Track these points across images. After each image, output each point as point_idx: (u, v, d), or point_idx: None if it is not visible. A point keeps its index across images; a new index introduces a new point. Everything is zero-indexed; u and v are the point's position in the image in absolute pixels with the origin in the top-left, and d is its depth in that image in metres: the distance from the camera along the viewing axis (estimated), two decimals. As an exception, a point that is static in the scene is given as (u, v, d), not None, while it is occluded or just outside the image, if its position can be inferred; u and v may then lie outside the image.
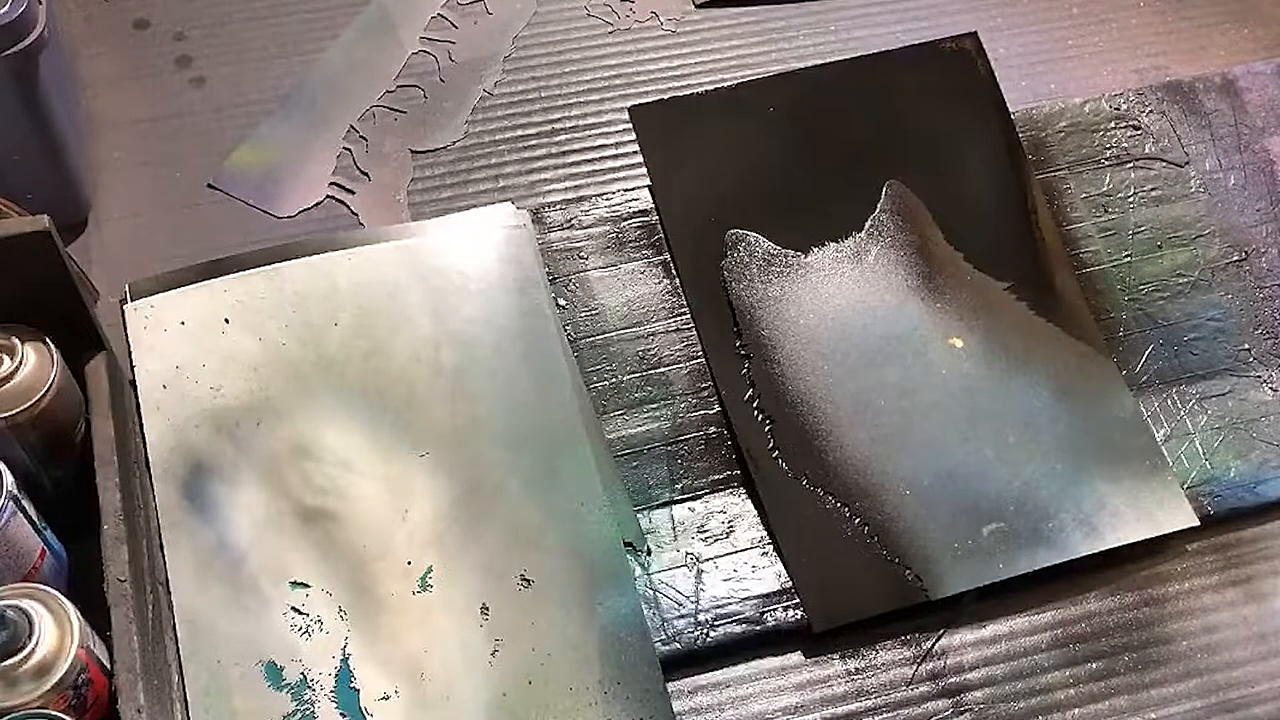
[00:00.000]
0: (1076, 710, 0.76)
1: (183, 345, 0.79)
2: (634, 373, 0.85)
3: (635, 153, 0.93)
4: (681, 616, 0.76)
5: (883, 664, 0.77)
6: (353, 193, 0.93)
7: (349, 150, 0.95)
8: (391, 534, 0.76)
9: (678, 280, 0.88)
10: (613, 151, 0.97)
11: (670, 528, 0.80)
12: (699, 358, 0.86)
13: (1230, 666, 0.78)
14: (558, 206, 0.90)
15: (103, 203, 0.91)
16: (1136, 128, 0.97)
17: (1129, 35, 1.08)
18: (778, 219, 0.89)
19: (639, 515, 0.80)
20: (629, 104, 0.92)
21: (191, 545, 0.73)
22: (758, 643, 0.77)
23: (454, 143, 0.97)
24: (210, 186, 0.93)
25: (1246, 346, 0.89)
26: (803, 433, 0.82)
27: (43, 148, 0.84)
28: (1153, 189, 0.95)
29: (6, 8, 0.75)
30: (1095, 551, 0.80)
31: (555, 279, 0.87)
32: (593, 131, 0.98)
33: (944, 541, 0.79)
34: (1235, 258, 0.93)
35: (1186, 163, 0.95)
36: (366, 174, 0.94)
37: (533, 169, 0.96)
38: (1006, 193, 0.92)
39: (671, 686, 0.74)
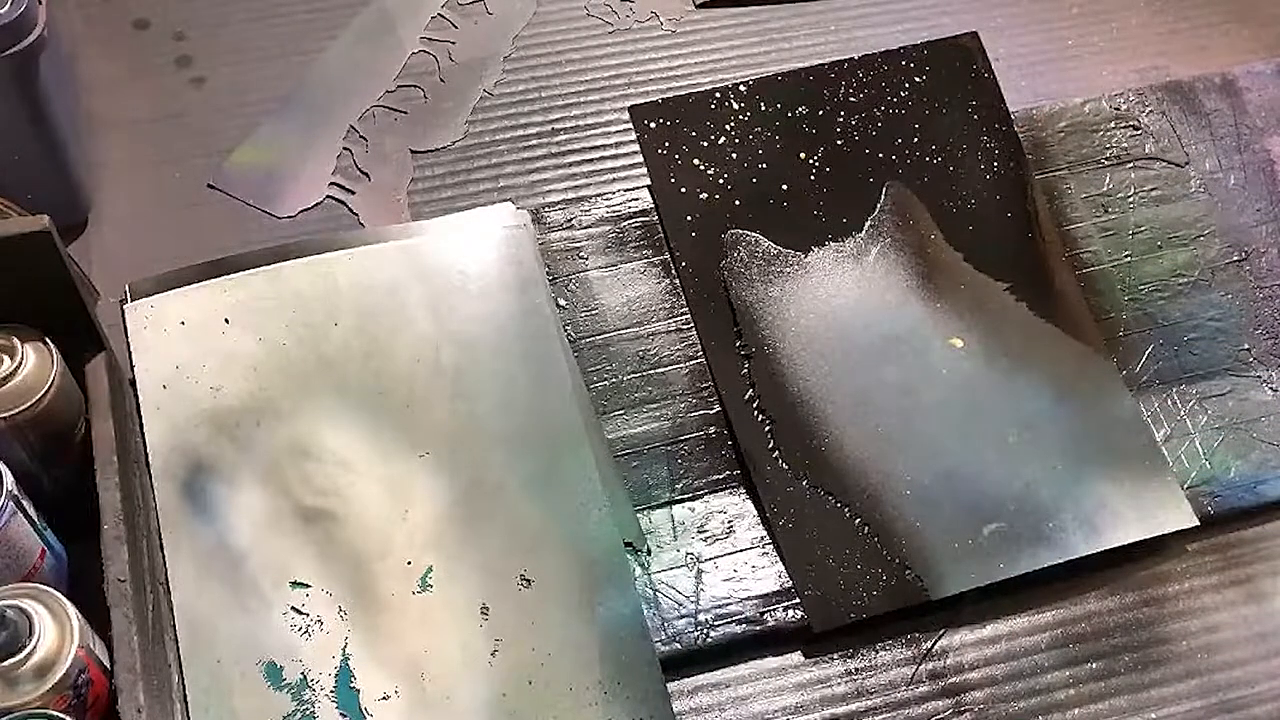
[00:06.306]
0: (1076, 710, 0.76)
1: (183, 345, 0.79)
2: (634, 373, 0.85)
3: (635, 153, 0.93)
4: (681, 616, 0.76)
5: (883, 664, 0.77)
6: (353, 193, 0.93)
7: (349, 150, 0.95)
8: (391, 534, 0.76)
9: (678, 280, 0.88)
10: (613, 151, 0.97)
11: (670, 528, 0.80)
12: (699, 358, 0.86)
13: (1230, 666, 0.78)
14: (558, 206, 0.90)
15: (103, 203, 0.91)
16: (1136, 128, 0.97)
17: (1129, 35, 1.08)
18: (778, 219, 0.89)
19: (639, 515, 0.80)
20: (629, 104, 0.92)
21: (191, 545, 0.73)
22: (758, 643, 0.77)
23: (454, 143, 0.97)
24: (210, 186, 0.93)
25: (1246, 346, 0.89)
26: (803, 433, 0.82)
27: (43, 148, 0.84)
28: (1153, 189, 0.95)
29: (6, 8, 0.75)
30: (1095, 551, 0.80)
31: (555, 279, 0.87)
32: (593, 131, 0.98)
33: (944, 541, 0.79)
34: (1235, 258, 0.93)
35: (1186, 163, 0.95)
36: (366, 174, 0.94)
37: (533, 169, 0.96)
38: (1007, 193, 0.92)
39: (671, 686, 0.74)
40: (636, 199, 0.91)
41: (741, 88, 0.92)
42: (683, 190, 0.89)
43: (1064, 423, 0.84)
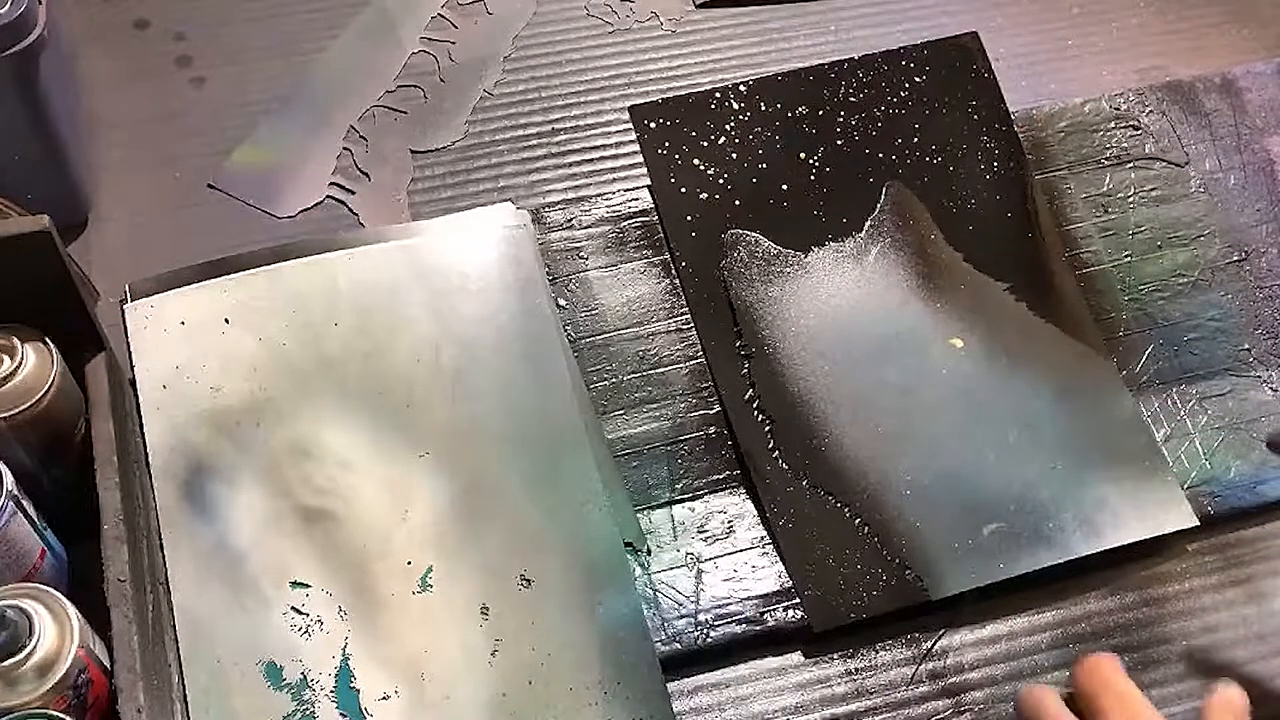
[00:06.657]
0: (1076, 710, 0.76)
1: (183, 345, 0.79)
2: (634, 373, 0.85)
3: (635, 153, 0.93)
4: (681, 616, 0.76)
5: (883, 664, 0.77)
6: (353, 193, 0.93)
7: (349, 150, 0.95)
8: (391, 534, 0.76)
9: (678, 280, 0.88)
10: (613, 151, 0.97)
11: (670, 528, 0.80)
12: (699, 358, 0.86)
13: (1230, 667, 0.78)
14: (558, 206, 0.90)
15: (103, 203, 0.91)
16: (1136, 128, 0.97)
17: (1129, 35, 1.08)
18: (778, 219, 0.89)
19: (639, 515, 0.80)
20: (629, 104, 0.92)
21: (191, 545, 0.73)
22: (758, 643, 0.77)
23: (454, 143, 0.97)
24: (210, 186, 0.93)
25: (1246, 346, 0.89)
26: (803, 433, 0.82)
27: (43, 148, 0.84)
28: (1153, 189, 0.95)
29: (6, 8, 0.75)
30: (1095, 551, 0.80)
31: (555, 279, 0.87)
32: (593, 131, 0.98)
33: (944, 541, 0.79)
34: (1235, 258, 0.93)
35: (1186, 163, 0.95)
36: (366, 174, 0.94)
37: (533, 169, 0.96)
38: (1007, 193, 0.92)
39: (671, 686, 0.74)
40: (636, 199, 0.91)
41: (741, 88, 0.92)
42: (683, 190, 0.89)
43: (1064, 423, 0.84)
